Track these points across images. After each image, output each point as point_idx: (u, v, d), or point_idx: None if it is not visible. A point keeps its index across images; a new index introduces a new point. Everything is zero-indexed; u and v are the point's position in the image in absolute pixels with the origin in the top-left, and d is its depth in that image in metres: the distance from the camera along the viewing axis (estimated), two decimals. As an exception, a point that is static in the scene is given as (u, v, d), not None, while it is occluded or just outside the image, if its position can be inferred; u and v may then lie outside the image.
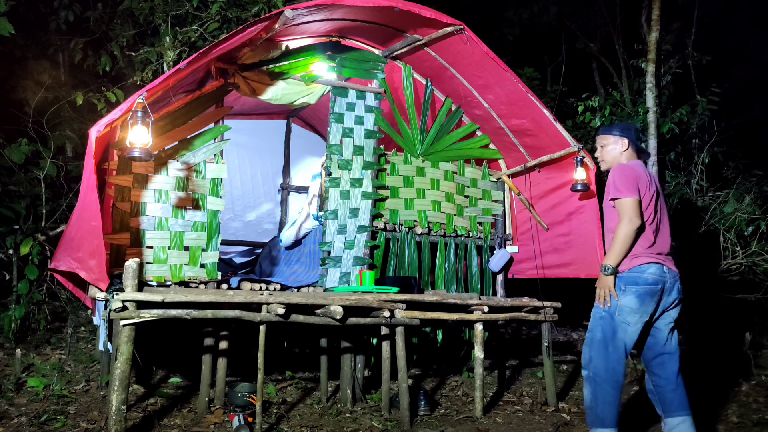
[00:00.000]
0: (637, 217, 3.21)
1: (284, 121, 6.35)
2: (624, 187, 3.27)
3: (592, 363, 3.28)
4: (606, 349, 3.25)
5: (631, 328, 3.23)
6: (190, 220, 3.84)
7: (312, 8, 3.74)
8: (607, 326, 3.26)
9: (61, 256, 3.66)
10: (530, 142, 4.85)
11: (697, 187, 6.36)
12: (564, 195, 4.87)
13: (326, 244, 4.35)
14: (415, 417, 4.03)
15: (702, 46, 8.21)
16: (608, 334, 3.25)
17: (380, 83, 4.67)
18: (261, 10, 5.96)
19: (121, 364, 3.23)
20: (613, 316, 3.25)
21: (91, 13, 7.00)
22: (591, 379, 3.28)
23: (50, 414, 3.67)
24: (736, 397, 4.97)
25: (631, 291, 3.23)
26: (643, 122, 6.68)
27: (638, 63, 7.14)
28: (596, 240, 4.63)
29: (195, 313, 3.40)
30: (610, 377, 3.22)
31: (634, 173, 3.31)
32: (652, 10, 6.94)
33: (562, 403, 4.58)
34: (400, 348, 3.98)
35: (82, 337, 5.46)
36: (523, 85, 4.42)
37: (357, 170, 4.50)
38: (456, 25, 4.15)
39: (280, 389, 4.52)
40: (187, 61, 3.41)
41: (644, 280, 3.23)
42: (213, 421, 3.72)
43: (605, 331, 3.26)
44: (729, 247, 5.82)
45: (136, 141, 3.24)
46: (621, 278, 3.26)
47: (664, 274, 3.27)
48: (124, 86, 6.24)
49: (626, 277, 3.25)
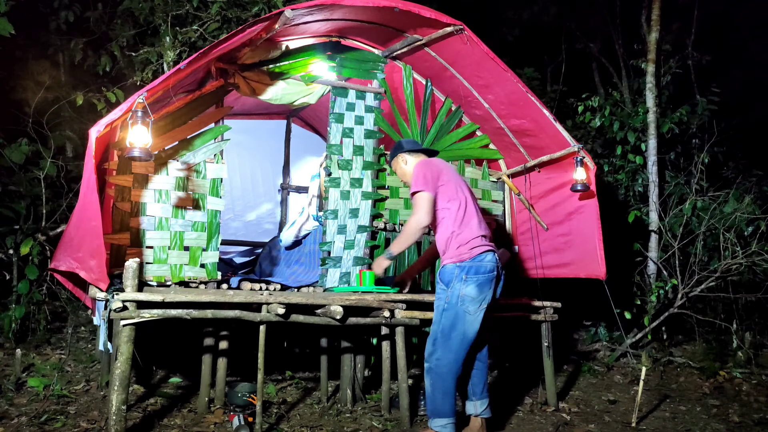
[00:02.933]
0: (428, 214, 3.38)
1: (284, 121, 6.35)
2: (422, 182, 3.41)
3: (435, 355, 3.36)
4: (450, 340, 3.32)
5: (471, 317, 3.31)
6: (190, 220, 3.84)
7: (312, 8, 3.74)
8: (449, 318, 3.33)
9: (61, 256, 3.66)
10: (530, 142, 4.85)
11: (697, 187, 6.35)
12: (564, 195, 4.87)
13: (326, 244, 4.35)
14: (415, 417, 4.03)
15: (702, 46, 8.21)
16: (450, 325, 3.33)
17: (380, 83, 4.67)
18: (261, 10, 5.97)
19: (121, 364, 3.23)
20: (455, 307, 3.31)
21: (91, 13, 7.00)
22: (432, 370, 3.36)
23: (50, 414, 3.67)
24: (738, 396, 4.98)
25: (473, 280, 3.30)
26: (643, 122, 6.68)
27: (638, 63, 7.13)
28: (596, 240, 4.62)
29: (195, 313, 3.40)
30: (452, 368, 3.31)
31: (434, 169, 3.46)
32: (652, 10, 6.94)
33: (562, 403, 4.58)
34: (400, 348, 3.97)
35: (82, 337, 5.46)
36: (523, 85, 4.42)
37: (357, 170, 4.50)
38: (456, 25, 4.15)
39: (280, 389, 4.52)
40: (187, 61, 3.40)
41: (484, 268, 3.32)
42: (213, 421, 3.72)
43: (447, 322, 3.34)
44: (729, 247, 5.81)
45: (136, 141, 3.24)
46: (462, 268, 3.32)
47: (497, 261, 3.40)
48: (124, 86, 6.24)
49: (468, 266, 3.31)
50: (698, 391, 5.13)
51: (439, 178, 3.46)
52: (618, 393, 5.00)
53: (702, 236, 6.08)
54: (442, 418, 3.33)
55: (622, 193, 6.94)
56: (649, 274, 6.46)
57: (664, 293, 5.98)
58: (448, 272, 3.38)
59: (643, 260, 6.52)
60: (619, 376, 5.51)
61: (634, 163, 6.71)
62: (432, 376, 3.37)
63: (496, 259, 3.41)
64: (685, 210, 6.16)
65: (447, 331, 3.34)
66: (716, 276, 5.89)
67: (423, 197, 3.40)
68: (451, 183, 3.47)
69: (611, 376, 5.52)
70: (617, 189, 6.95)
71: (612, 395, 4.91)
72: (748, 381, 5.30)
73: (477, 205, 3.55)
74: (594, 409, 4.53)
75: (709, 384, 5.26)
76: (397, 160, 3.79)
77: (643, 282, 6.46)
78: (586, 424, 4.11)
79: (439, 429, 3.35)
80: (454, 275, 3.34)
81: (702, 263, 6.06)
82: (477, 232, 3.39)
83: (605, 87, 8.89)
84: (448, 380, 3.33)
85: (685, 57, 7.82)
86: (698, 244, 6.07)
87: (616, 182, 6.96)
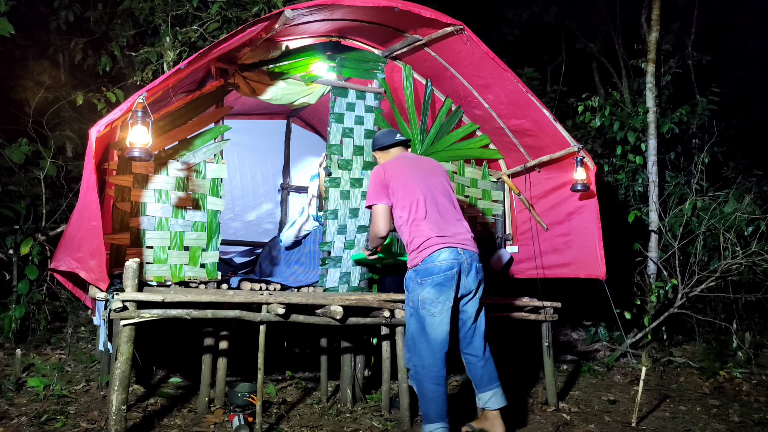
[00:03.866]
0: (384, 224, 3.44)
1: (284, 121, 6.36)
2: (372, 195, 3.47)
3: (411, 361, 3.35)
4: (418, 345, 3.31)
5: (436, 318, 3.27)
6: (190, 220, 3.84)
7: (312, 8, 3.74)
8: (415, 322, 3.33)
9: (61, 256, 3.66)
10: (530, 142, 4.85)
11: (697, 187, 6.35)
12: (564, 195, 4.87)
13: (326, 244, 4.35)
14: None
15: (702, 46, 8.21)
16: (417, 330, 3.31)
17: (380, 83, 4.67)
18: (261, 10, 5.97)
19: (121, 364, 3.23)
20: (418, 311, 3.31)
21: (91, 13, 7.01)
22: (413, 377, 3.35)
23: (50, 414, 3.67)
24: (738, 396, 4.98)
25: (427, 282, 3.27)
26: (643, 122, 6.68)
27: (638, 63, 7.14)
28: (596, 240, 4.62)
29: (195, 313, 3.40)
30: (428, 373, 3.27)
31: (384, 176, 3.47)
32: (652, 10, 6.94)
33: (562, 403, 4.58)
34: (400, 348, 3.97)
35: (82, 337, 5.47)
36: (523, 85, 4.42)
37: (357, 170, 4.50)
38: (456, 25, 4.15)
39: (280, 389, 4.52)
40: (187, 61, 3.40)
41: (438, 268, 3.27)
42: (213, 421, 3.72)
43: (414, 327, 3.33)
44: (729, 247, 5.81)
45: (136, 141, 3.24)
46: (417, 272, 3.31)
47: (459, 256, 3.31)
48: (124, 86, 6.24)
49: (420, 269, 3.30)
50: (698, 391, 5.13)
51: (388, 186, 3.44)
52: (618, 393, 5.00)
53: (702, 236, 6.09)
54: (431, 423, 3.27)
55: (622, 193, 6.94)
56: (649, 274, 6.46)
57: (664, 293, 5.98)
58: (407, 278, 3.41)
59: (643, 260, 6.52)
60: (619, 376, 5.51)
61: (634, 163, 6.71)
62: (414, 382, 3.35)
63: (457, 255, 3.30)
64: (685, 210, 6.16)
65: (416, 336, 3.33)
66: (716, 276, 5.89)
67: (375, 211, 3.48)
68: (401, 188, 3.42)
69: (611, 376, 5.52)
70: (617, 189, 6.95)
71: (612, 395, 4.91)
72: (748, 381, 5.30)
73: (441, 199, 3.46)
74: (594, 409, 4.53)
75: (709, 384, 5.26)
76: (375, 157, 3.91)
77: (643, 282, 6.46)
78: (586, 424, 4.11)
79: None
80: (411, 279, 3.36)
81: (702, 263, 6.06)
82: (428, 233, 3.33)
83: (605, 87, 8.89)
84: (426, 385, 3.27)
85: (685, 57, 7.82)
86: (698, 244, 6.07)
87: (616, 182, 6.96)
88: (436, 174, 3.57)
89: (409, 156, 3.71)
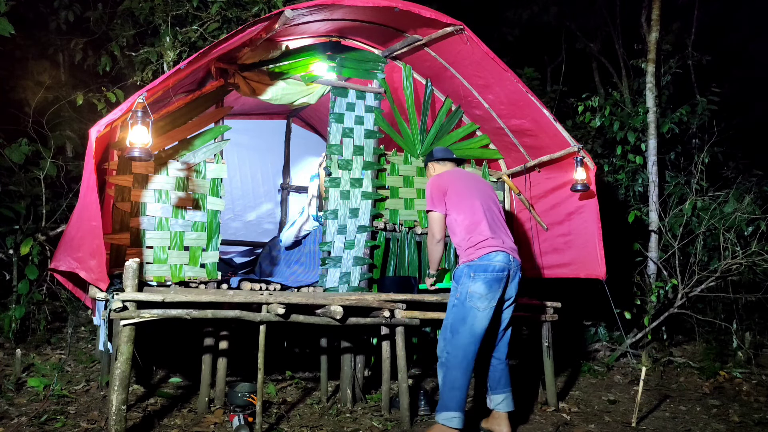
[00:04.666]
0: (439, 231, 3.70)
1: (284, 121, 6.36)
2: (430, 202, 3.73)
3: (445, 349, 3.50)
4: (456, 335, 3.46)
5: (480, 313, 3.45)
6: (190, 220, 3.84)
7: (312, 8, 3.74)
8: (458, 313, 3.49)
9: (61, 256, 3.66)
10: (530, 142, 4.85)
11: (697, 187, 6.35)
12: (564, 195, 4.87)
13: (326, 244, 4.35)
14: (415, 417, 4.03)
15: (702, 46, 8.20)
16: (459, 320, 3.47)
17: (380, 83, 4.67)
18: (261, 10, 5.96)
19: (121, 364, 3.23)
20: (464, 303, 3.47)
21: (91, 13, 7.01)
22: (443, 365, 3.49)
23: (50, 414, 3.67)
24: (738, 396, 4.98)
25: (480, 277, 3.46)
26: (643, 122, 6.68)
27: (638, 63, 7.13)
28: (596, 240, 4.62)
29: (195, 313, 3.40)
30: (460, 363, 3.43)
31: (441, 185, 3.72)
32: (652, 10, 6.94)
33: (562, 403, 4.58)
34: (400, 348, 3.97)
35: (82, 337, 5.47)
36: (523, 85, 4.42)
37: (357, 170, 4.50)
38: (456, 25, 4.15)
39: (280, 389, 4.52)
40: (187, 61, 3.40)
41: (492, 267, 3.47)
42: (213, 421, 3.72)
43: (456, 318, 3.49)
44: (729, 247, 5.81)
45: (136, 141, 3.24)
46: (471, 267, 3.49)
47: (509, 263, 3.53)
48: (124, 86, 6.24)
49: (476, 265, 3.49)
50: (698, 391, 5.13)
51: (446, 194, 3.70)
52: (618, 393, 5.00)
53: (702, 236, 6.09)
54: (449, 411, 3.41)
55: (622, 193, 6.94)
56: (649, 274, 6.46)
57: (664, 293, 5.98)
58: (458, 271, 3.58)
59: (643, 260, 6.52)
60: (619, 376, 5.51)
61: (634, 163, 6.71)
62: (443, 369, 3.49)
63: (508, 260, 3.53)
64: (685, 210, 6.16)
65: (456, 326, 3.48)
66: (716, 276, 5.89)
67: (432, 217, 3.74)
68: (458, 195, 3.68)
69: (611, 376, 5.52)
70: (617, 189, 6.95)
71: (612, 395, 4.91)
72: (748, 381, 5.30)
73: (494, 210, 3.74)
74: (594, 409, 4.53)
75: (709, 384, 5.26)
76: (428, 167, 4.11)
77: (643, 282, 6.46)
78: (586, 424, 4.11)
79: (444, 422, 3.42)
80: (463, 273, 3.52)
81: (702, 263, 6.06)
82: (486, 234, 3.56)
83: (605, 87, 8.88)
84: (456, 375, 3.42)
85: (685, 57, 7.81)
86: (698, 244, 6.07)
87: (616, 182, 6.96)
88: (488, 188, 3.89)
89: (463, 171, 3.99)
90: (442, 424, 3.42)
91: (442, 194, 3.70)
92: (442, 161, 4.05)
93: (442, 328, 3.60)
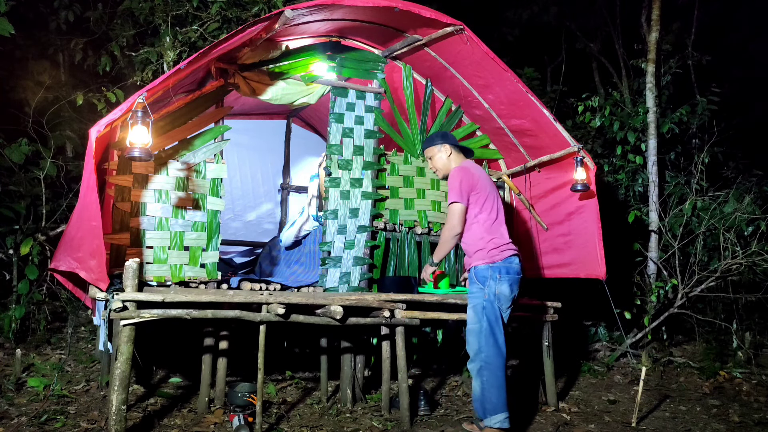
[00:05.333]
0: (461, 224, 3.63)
1: (284, 121, 6.36)
2: (458, 193, 3.62)
3: (483, 352, 3.49)
4: (494, 335, 3.50)
5: (505, 313, 3.56)
6: (190, 220, 3.84)
7: (312, 8, 3.74)
8: (491, 314, 3.52)
9: (61, 256, 3.66)
10: (530, 142, 4.85)
11: (697, 187, 6.35)
12: (564, 195, 4.87)
13: (326, 244, 4.35)
14: (415, 417, 4.03)
15: (702, 46, 8.20)
16: (493, 321, 3.51)
17: (380, 83, 4.67)
18: (261, 10, 5.96)
19: (121, 364, 3.23)
20: (493, 304, 3.52)
21: (91, 13, 7.01)
22: (484, 368, 3.48)
23: (50, 414, 3.67)
24: (738, 396, 4.98)
25: (506, 279, 3.53)
26: (643, 122, 6.68)
27: (638, 63, 7.13)
28: (596, 240, 4.62)
29: (195, 313, 3.40)
30: (501, 362, 3.48)
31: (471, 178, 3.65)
32: (652, 10, 6.93)
33: (562, 403, 4.58)
34: (400, 348, 3.98)
35: (82, 337, 5.47)
36: (523, 85, 4.42)
37: (357, 170, 4.50)
38: (456, 25, 4.15)
39: (280, 389, 4.52)
40: (187, 61, 3.40)
41: (514, 270, 3.56)
42: (213, 421, 3.72)
43: (490, 319, 3.51)
44: (729, 247, 5.81)
45: (136, 141, 3.24)
46: (495, 268, 3.54)
47: (520, 265, 3.64)
48: (124, 86, 6.24)
49: (500, 267, 3.54)
50: (698, 391, 5.13)
51: (474, 188, 3.65)
52: (618, 393, 5.00)
53: (702, 236, 6.08)
54: (501, 413, 3.43)
55: (622, 193, 6.94)
56: (649, 274, 6.46)
57: (664, 293, 5.98)
58: (482, 271, 3.59)
59: (643, 260, 6.52)
60: (619, 376, 5.51)
61: (634, 163, 6.71)
62: (485, 373, 3.48)
63: (520, 263, 3.64)
64: (685, 210, 6.16)
65: (492, 326, 3.50)
66: (716, 276, 5.89)
67: (456, 209, 3.64)
68: (485, 192, 3.67)
69: (611, 376, 5.52)
70: (617, 189, 6.95)
71: (612, 395, 4.91)
72: (748, 381, 5.30)
73: (504, 211, 3.77)
74: (594, 409, 4.53)
75: (709, 384, 5.26)
76: (440, 148, 3.86)
77: (643, 282, 6.46)
78: (586, 424, 4.12)
79: (499, 425, 3.43)
80: (489, 275, 3.54)
81: (702, 263, 6.06)
82: (507, 237, 3.66)
83: (605, 87, 8.88)
84: (499, 374, 3.46)
85: (685, 57, 7.81)
86: (698, 244, 6.07)
87: (616, 182, 6.96)
88: (497, 188, 3.91)
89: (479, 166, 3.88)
90: (498, 428, 3.43)
91: (470, 188, 3.64)
92: (457, 147, 3.90)
93: (475, 332, 3.54)
